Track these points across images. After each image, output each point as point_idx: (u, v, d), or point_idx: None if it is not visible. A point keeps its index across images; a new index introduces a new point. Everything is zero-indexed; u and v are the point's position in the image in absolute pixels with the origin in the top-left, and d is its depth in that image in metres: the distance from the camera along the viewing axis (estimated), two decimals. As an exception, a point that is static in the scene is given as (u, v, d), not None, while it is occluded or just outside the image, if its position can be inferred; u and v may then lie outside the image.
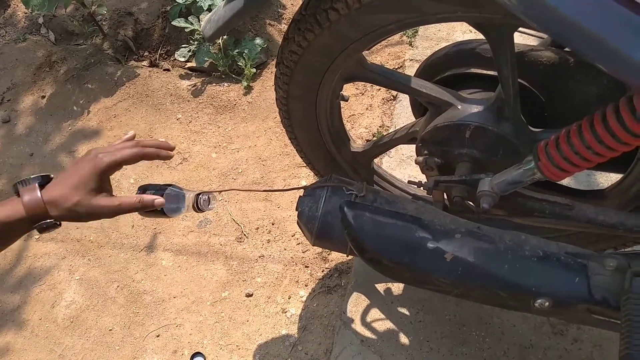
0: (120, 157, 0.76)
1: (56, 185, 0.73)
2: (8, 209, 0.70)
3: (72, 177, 0.73)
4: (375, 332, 1.28)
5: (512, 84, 0.81)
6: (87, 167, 0.73)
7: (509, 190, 0.82)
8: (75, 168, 0.74)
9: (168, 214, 0.81)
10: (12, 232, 0.71)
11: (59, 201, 0.71)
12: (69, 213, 0.72)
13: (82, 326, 1.49)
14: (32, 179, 0.72)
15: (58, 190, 0.72)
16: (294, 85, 0.96)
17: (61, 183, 0.73)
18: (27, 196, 0.70)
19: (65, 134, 1.98)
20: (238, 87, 1.98)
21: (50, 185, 0.73)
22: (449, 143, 0.91)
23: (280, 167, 1.72)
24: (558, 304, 0.78)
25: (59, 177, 0.74)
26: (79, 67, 2.15)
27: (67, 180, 0.73)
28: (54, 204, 0.71)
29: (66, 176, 0.73)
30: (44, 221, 0.71)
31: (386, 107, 1.79)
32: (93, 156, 0.75)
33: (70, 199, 0.71)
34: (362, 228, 0.80)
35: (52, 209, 0.71)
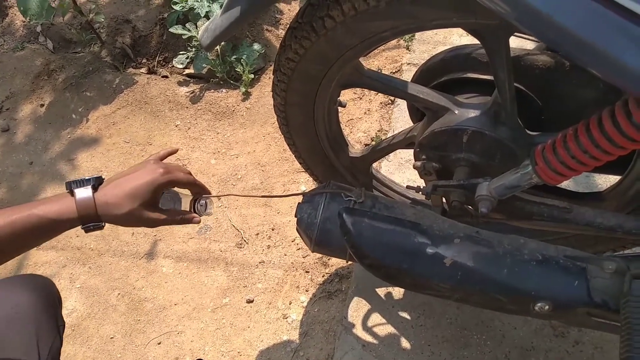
0: (176, 178, 0.79)
1: (110, 190, 0.75)
2: (60, 206, 0.72)
3: (127, 185, 0.75)
4: (377, 337, 1.28)
5: (508, 88, 0.81)
6: (144, 179, 0.75)
7: (507, 194, 0.82)
8: (132, 177, 0.76)
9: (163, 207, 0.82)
10: (59, 229, 0.74)
11: (111, 208, 0.73)
12: (117, 219, 0.75)
13: (84, 334, 1.49)
14: (86, 181, 0.74)
15: (111, 196, 0.74)
16: (292, 92, 0.97)
17: (116, 189, 0.74)
18: (81, 198, 0.72)
19: (64, 142, 1.99)
20: (236, 93, 1.99)
21: (104, 189, 0.75)
22: (446, 148, 0.91)
23: (279, 173, 1.72)
24: (558, 308, 0.78)
25: (115, 181, 0.76)
26: (77, 75, 2.16)
27: (122, 187, 0.74)
28: (106, 209, 0.73)
29: (121, 183, 0.75)
30: (93, 223, 0.74)
31: (384, 111, 1.79)
32: (152, 170, 0.77)
33: (122, 207, 0.73)
34: (361, 234, 0.81)
35: (103, 213, 0.73)
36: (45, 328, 0.92)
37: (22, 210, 0.72)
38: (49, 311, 0.94)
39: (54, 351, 0.92)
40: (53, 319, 0.95)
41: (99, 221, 0.74)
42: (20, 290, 0.92)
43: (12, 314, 0.88)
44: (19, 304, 0.90)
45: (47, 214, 0.71)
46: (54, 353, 0.92)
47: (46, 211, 0.72)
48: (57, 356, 0.93)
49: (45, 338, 0.91)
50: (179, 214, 0.82)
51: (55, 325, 0.95)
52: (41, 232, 0.73)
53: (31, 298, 0.92)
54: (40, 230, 0.72)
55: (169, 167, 0.79)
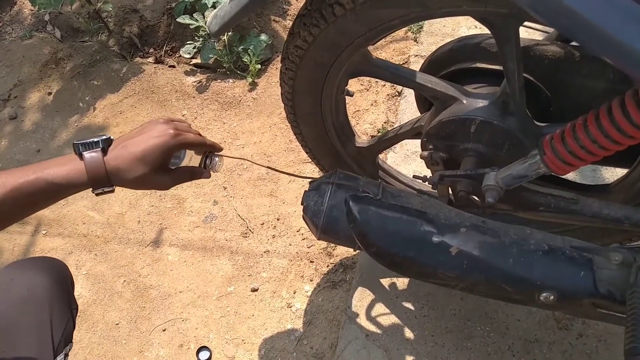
0: (188, 140, 0.75)
1: (121, 152, 0.72)
2: (69, 170, 0.70)
3: (137, 147, 0.71)
4: (380, 327, 1.29)
5: (517, 79, 0.81)
6: (155, 141, 0.72)
7: (514, 184, 0.82)
8: (142, 139, 0.72)
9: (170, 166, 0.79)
10: (68, 192, 0.71)
11: (122, 172, 0.71)
12: (128, 183, 0.72)
13: (89, 320, 1.50)
14: (94, 143, 0.71)
15: (122, 160, 0.71)
16: (300, 80, 0.96)
17: (126, 151, 0.71)
18: (91, 162, 0.70)
19: (71, 130, 2.00)
20: (243, 84, 1.99)
21: (114, 152, 0.72)
22: (454, 138, 0.91)
23: (285, 163, 1.72)
24: (563, 298, 0.79)
25: (124, 143, 0.72)
26: (85, 63, 2.16)
27: (132, 150, 0.71)
28: (117, 174, 0.71)
29: (131, 145, 0.72)
30: (104, 187, 0.71)
31: (391, 102, 1.79)
32: (162, 132, 0.73)
33: (134, 171, 0.71)
34: (367, 222, 0.81)
35: (114, 177, 0.71)
36: (58, 310, 0.91)
37: (29, 174, 0.69)
38: (63, 294, 0.94)
39: (67, 333, 0.92)
40: (66, 301, 0.95)
41: (110, 185, 0.72)
42: (34, 272, 0.92)
43: (26, 295, 0.88)
44: (33, 285, 0.90)
45: (55, 179, 0.69)
46: (67, 335, 0.92)
47: (54, 175, 0.69)
48: (69, 338, 0.94)
49: (59, 320, 0.90)
50: (188, 171, 0.80)
51: (69, 308, 0.95)
52: (49, 196, 0.70)
53: (45, 280, 0.91)
54: (49, 194, 0.70)
55: (179, 128, 0.75)
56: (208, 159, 0.84)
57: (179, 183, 0.78)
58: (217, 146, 0.84)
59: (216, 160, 0.84)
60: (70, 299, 0.98)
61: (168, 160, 0.75)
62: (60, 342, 0.91)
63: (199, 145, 0.79)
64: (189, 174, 0.80)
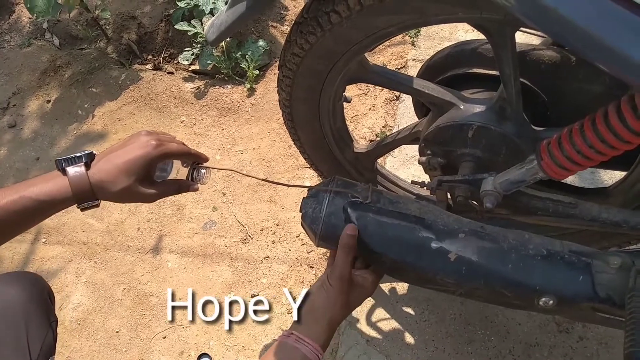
0: (170, 150, 0.75)
1: (103, 165, 0.72)
2: (52, 187, 0.70)
3: (120, 159, 0.72)
4: (381, 332, 1.29)
5: (514, 84, 0.81)
6: (137, 153, 0.72)
7: (512, 189, 0.82)
8: (125, 152, 0.73)
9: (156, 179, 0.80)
10: (54, 209, 0.72)
11: (106, 185, 0.71)
12: (113, 196, 0.73)
13: (89, 328, 1.50)
14: (77, 158, 0.72)
15: (106, 174, 0.71)
16: (297, 87, 0.97)
17: (108, 164, 0.72)
18: (74, 177, 0.70)
19: (70, 137, 2.00)
20: (241, 89, 1.99)
21: (97, 165, 0.72)
22: (451, 143, 0.91)
23: (284, 169, 1.72)
24: (562, 303, 0.78)
25: (107, 157, 0.73)
26: (84, 71, 2.17)
27: (115, 162, 0.72)
28: (101, 187, 0.71)
29: (114, 157, 0.72)
30: (89, 202, 0.72)
31: (389, 107, 1.79)
32: (144, 143, 0.73)
33: (117, 184, 0.71)
34: (365, 228, 0.81)
35: (98, 191, 0.71)
36: (35, 324, 0.90)
37: (12, 193, 0.69)
38: (39, 307, 0.93)
39: (46, 347, 0.91)
40: (44, 314, 0.93)
41: (95, 199, 0.72)
42: (8, 286, 0.91)
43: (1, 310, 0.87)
44: (7, 299, 0.89)
45: (39, 196, 0.69)
46: (46, 349, 0.91)
47: (38, 193, 0.69)
48: (50, 351, 0.92)
49: (36, 334, 0.89)
50: (175, 183, 0.80)
51: (47, 321, 0.94)
52: (35, 213, 0.71)
53: (20, 294, 0.90)
54: (34, 212, 0.70)
55: (161, 139, 0.75)
56: (195, 171, 0.83)
57: (165, 196, 0.78)
58: (203, 156, 0.84)
59: (203, 172, 0.84)
60: (48, 312, 0.96)
61: (152, 172, 0.76)
62: (40, 355, 0.89)
63: (182, 155, 0.79)
64: (176, 186, 0.80)
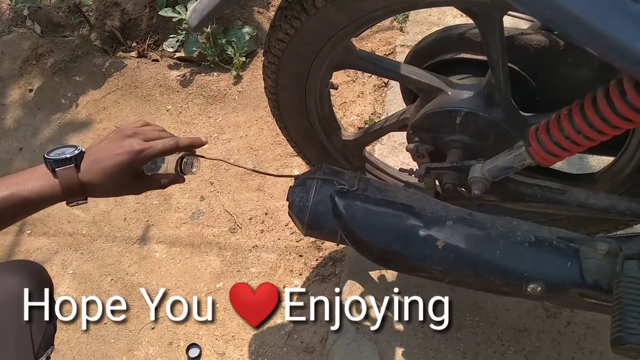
0: (155, 152, 0.76)
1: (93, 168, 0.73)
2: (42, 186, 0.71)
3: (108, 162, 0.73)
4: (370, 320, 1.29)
5: (502, 69, 0.80)
6: (121, 158, 0.73)
7: (500, 175, 0.82)
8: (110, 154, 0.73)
9: (146, 172, 0.80)
10: (42, 207, 0.73)
11: (95, 187, 0.73)
12: (102, 195, 0.75)
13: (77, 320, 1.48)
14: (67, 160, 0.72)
15: (95, 176, 0.73)
16: (283, 74, 0.95)
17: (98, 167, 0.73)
18: (64, 178, 0.71)
19: (54, 127, 1.96)
20: (228, 77, 1.96)
21: (87, 167, 0.73)
22: (439, 130, 0.90)
23: (272, 157, 1.71)
24: (550, 289, 0.79)
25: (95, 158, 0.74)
26: (66, 59, 2.12)
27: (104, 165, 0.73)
28: (90, 188, 0.73)
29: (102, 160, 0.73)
30: (78, 200, 0.73)
31: (377, 94, 1.78)
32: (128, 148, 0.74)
33: (107, 186, 0.73)
34: (353, 217, 0.80)
35: (87, 190, 0.73)
36: (37, 314, 0.90)
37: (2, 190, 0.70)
38: (41, 297, 0.92)
39: (47, 337, 0.92)
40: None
41: (84, 197, 0.73)
42: (10, 276, 0.91)
43: (3, 299, 0.88)
44: (10, 289, 0.89)
45: (30, 195, 0.70)
46: (47, 338, 0.92)
47: (29, 192, 0.70)
48: (50, 341, 0.93)
49: (38, 324, 0.90)
50: (163, 177, 0.81)
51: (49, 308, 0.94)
52: (24, 210, 0.72)
53: (22, 284, 0.91)
54: (24, 208, 0.72)
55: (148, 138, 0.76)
56: (183, 162, 0.82)
57: (152, 189, 0.79)
58: (197, 141, 0.83)
59: (191, 163, 0.83)
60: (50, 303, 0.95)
61: (139, 171, 0.77)
62: (41, 345, 0.90)
63: (170, 152, 0.78)
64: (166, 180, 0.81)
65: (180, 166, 0.82)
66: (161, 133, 0.79)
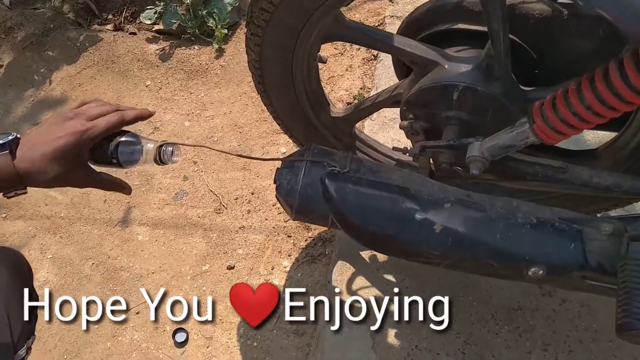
0: (101, 130, 0.69)
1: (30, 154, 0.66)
2: None
3: (47, 148, 0.66)
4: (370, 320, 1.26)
5: (502, 40, 0.75)
6: (65, 141, 0.67)
7: (500, 154, 0.77)
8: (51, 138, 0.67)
9: (124, 165, 0.74)
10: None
11: (34, 175, 0.66)
12: (42, 184, 0.68)
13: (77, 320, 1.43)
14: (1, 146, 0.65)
15: (33, 163, 0.66)
16: (267, 46, 0.88)
17: (36, 153, 0.66)
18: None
19: (27, 105, 1.87)
20: (209, 50, 1.88)
21: (22, 154, 0.66)
22: (435, 105, 0.85)
23: (257, 134, 1.64)
24: (552, 272, 0.75)
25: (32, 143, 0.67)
26: (38, 33, 2.01)
27: (43, 151, 0.66)
28: (28, 176, 0.66)
29: (41, 145, 0.66)
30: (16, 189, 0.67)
31: (367, 67, 1.71)
32: (70, 129, 0.67)
33: (46, 173, 0.66)
34: (345, 201, 0.75)
35: (26, 179, 0.66)
36: (16, 304, 0.88)
37: None
38: (19, 283, 0.90)
39: (27, 327, 0.88)
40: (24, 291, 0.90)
41: (23, 187, 0.67)
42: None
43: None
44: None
45: None
46: (27, 329, 0.89)
47: None
48: (31, 331, 0.90)
49: (17, 313, 0.87)
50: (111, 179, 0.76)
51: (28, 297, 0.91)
52: None
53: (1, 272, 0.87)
54: None
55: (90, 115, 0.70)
56: (162, 149, 0.75)
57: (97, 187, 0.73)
58: (145, 113, 0.76)
59: (171, 152, 0.76)
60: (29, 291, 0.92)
61: (84, 157, 0.70)
62: (21, 336, 0.87)
63: (117, 127, 0.72)
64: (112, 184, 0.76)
65: (160, 155, 0.75)
66: (103, 108, 0.72)
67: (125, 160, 0.74)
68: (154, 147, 0.75)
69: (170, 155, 0.77)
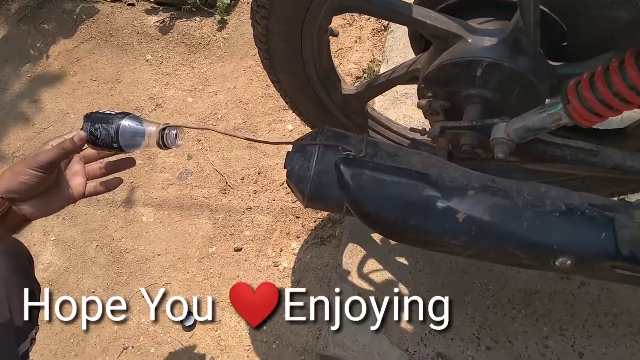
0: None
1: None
2: None
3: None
4: (373, 284, 1.22)
5: (533, 11, 0.68)
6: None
7: (528, 137, 0.72)
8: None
9: (126, 150, 0.70)
10: None
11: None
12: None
13: (63, 289, 1.41)
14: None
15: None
16: (274, 19, 0.82)
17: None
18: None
19: (24, 81, 1.81)
20: (211, 22, 1.80)
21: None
22: (456, 83, 0.79)
23: (263, 111, 1.58)
24: (581, 262, 0.70)
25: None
26: (32, 5, 1.93)
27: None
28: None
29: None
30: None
31: (377, 38, 1.63)
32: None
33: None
34: (361, 188, 0.70)
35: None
36: (16, 290, 0.87)
37: None
38: (21, 276, 0.90)
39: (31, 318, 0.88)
40: (25, 280, 0.91)
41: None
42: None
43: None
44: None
45: None
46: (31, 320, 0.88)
47: None
48: (35, 322, 0.90)
49: (17, 301, 0.87)
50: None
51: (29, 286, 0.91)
52: None
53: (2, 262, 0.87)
54: None
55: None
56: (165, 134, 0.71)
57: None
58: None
59: (174, 135, 0.72)
60: (30, 280, 0.93)
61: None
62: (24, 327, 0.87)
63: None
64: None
65: (163, 139, 0.71)
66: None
67: (127, 145, 0.71)
68: (157, 131, 0.71)
69: (174, 138, 0.73)
